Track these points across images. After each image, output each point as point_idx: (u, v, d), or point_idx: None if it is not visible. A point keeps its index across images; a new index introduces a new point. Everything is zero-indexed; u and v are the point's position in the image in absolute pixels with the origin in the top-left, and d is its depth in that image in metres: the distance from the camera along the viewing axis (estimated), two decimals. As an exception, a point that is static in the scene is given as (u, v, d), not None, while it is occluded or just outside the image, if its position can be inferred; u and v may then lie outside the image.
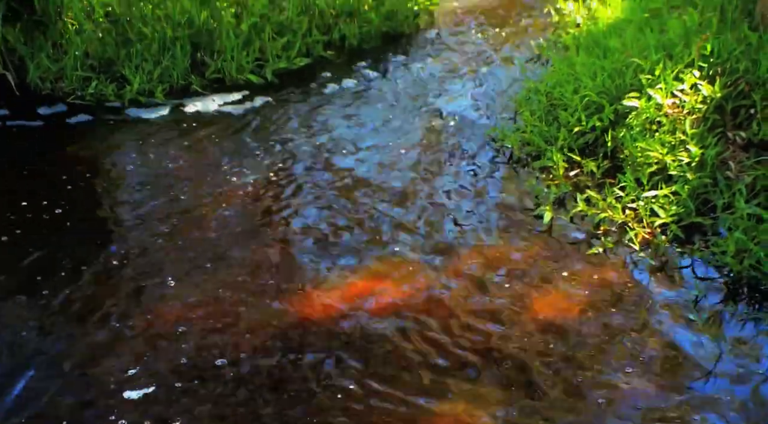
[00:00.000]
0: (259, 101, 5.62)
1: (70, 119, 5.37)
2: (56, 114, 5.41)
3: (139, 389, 3.06)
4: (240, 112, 5.50)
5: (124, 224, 4.28)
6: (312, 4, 6.23)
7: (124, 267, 3.87)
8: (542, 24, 6.34)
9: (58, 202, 4.40)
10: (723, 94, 4.41)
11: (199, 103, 5.59)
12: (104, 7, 5.88)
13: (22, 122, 5.31)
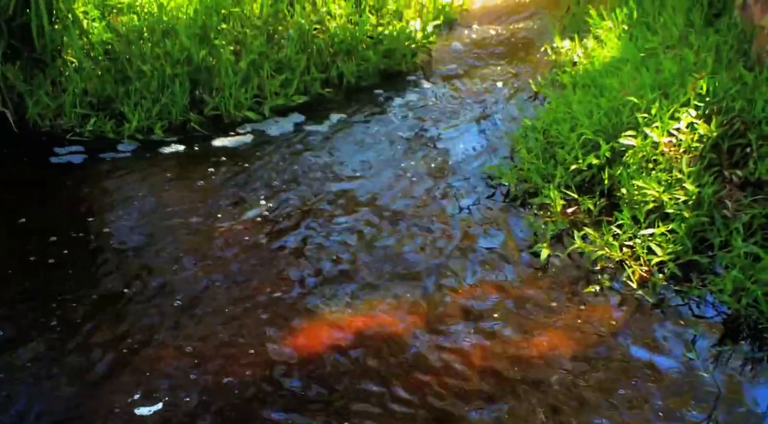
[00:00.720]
0: (256, 138, 5.64)
1: (69, 156, 5.38)
2: (55, 151, 5.42)
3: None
4: (238, 149, 5.51)
5: (121, 260, 4.27)
6: (310, 42, 6.27)
7: (121, 305, 3.87)
8: (539, 62, 6.38)
9: (55, 239, 4.41)
10: (719, 133, 4.43)
11: (197, 139, 5.60)
12: (104, 45, 5.91)
13: (21, 159, 5.33)
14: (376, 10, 6.77)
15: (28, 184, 5.11)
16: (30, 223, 4.63)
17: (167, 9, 6.14)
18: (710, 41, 5.34)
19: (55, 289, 3.98)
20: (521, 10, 7.20)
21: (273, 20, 6.29)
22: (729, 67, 4.99)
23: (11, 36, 5.67)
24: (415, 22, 6.73)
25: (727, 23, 5.60)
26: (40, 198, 4.92)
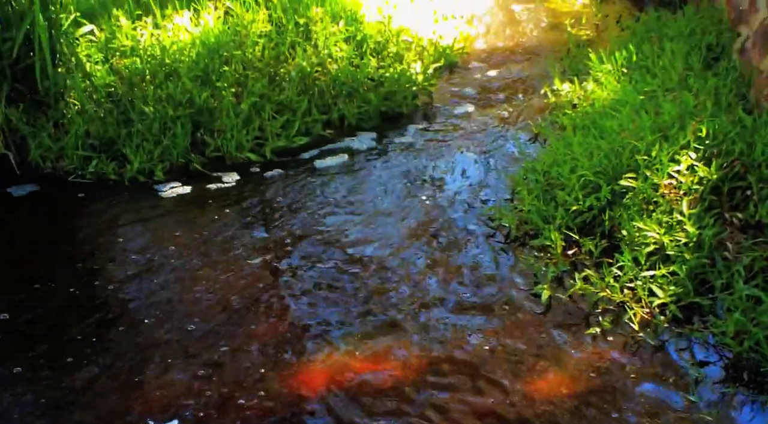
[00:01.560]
0: (257, 179, 5.65)
1: (70, 197, 5.40)
2: (56, 192, 5.44)
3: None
4: (239, 190, 5.52)
5: (120, 299, 4.29)
6: (312, 84, 6.31)
7: (115, 341, 3.87)
8: (539, 105, 6.41)
9: (56, 281, 4.41)
10: (719, 175, 4.45)
11: (198, 180, 5.61)
12: (106, 88, 5.95)
13: (22, 200, 5.34)
14: (377, 53, 6.81)
15: (28, 224, 5.12)
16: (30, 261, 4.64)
17: (170, 52, 6.18)
18: (709, 85, 5.38)
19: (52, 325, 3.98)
20: (521, 52, 7.25)
21: (275, 63, 6.33)
22: (728, 111, 5.02)
23: (15, 79, 5.71)
24: (416, 65, 6.77)
25: (726, 67, 5.64)
26: (41, 239, 4.94)
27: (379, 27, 6.95)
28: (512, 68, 7.03)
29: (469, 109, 6.49)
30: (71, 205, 5.34)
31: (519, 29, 7.59)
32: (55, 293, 4.36)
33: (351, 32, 6.75)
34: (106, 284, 4.47)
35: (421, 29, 7.29)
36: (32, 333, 4.02)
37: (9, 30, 5.61)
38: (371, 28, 6.89)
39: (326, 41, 6.52)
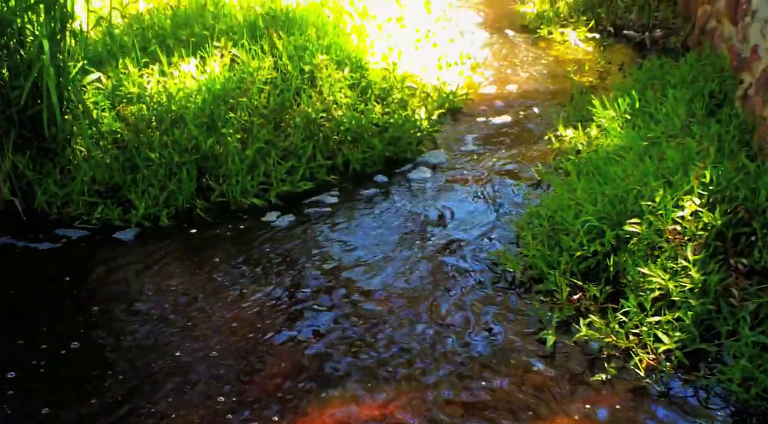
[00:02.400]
0: (262, 224, 5.67)
1: (75, 243, 5.41)
2: (61, 238, 5.45)
3: None
4: (242, 235, 5.53)
5: (123, 344, 4.28)
6: (316, 130, 6.34)
7: (117, 388, 3.85)
8: (543, 150, 6.44)
9: (60, 329, 4.41)
10: (723, 221, 4.45)
11: (202, 226, 5.63)
12: (113, 134, 5.99)
13: (27, 246, 5.36)
14: (381, 99, 6.86)
15: (33, 268, 5.13)
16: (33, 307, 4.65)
17: (176, 99, 6.23)
18: (712, 131, 5.41)
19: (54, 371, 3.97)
20: (525, 99, 7.29)
21: (280, 109, 6.37)
22: (732, 157, 5.04)
23: (23, 126, 5.75)
24: (421, 111, 6.81)
25: (729, 114, 5.68)
26: (44, 283, 4.94)
27: (383, 73, 7.00)
28: (516, 114, 7.07)
29: (473, 154, 6.52)
30: (75, 251, 5.35)
31: (523, 75, 7.65)
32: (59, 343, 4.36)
33: (356, 79, 6.80)
34: (110, 332, 4.47)
35: (426, 75, 7.35)
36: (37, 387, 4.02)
37: (18, 78, 5.66)
38: (376, 75, 6.95)
39: (331, 88, 6.57)
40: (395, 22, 8.05)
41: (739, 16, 6.16)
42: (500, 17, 8.81)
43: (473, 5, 9.10)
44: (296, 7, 7.60)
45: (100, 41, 6.93)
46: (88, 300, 4.78)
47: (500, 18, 8.80)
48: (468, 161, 6.42)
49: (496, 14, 8.87)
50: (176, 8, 7.67)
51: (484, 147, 6.61)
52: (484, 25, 8.63)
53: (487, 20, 8.72)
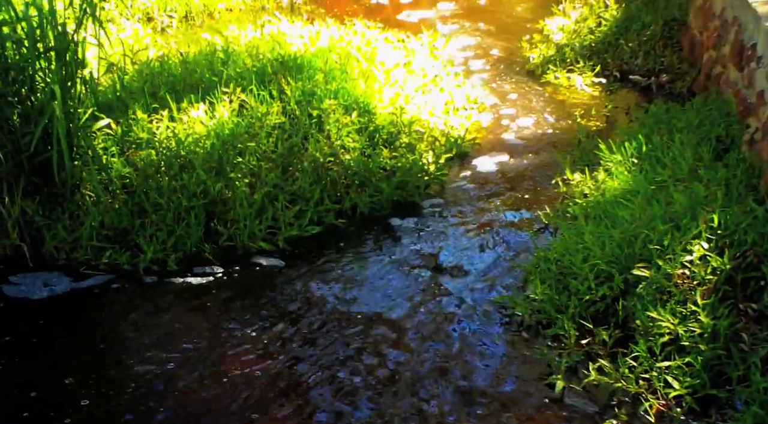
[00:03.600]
0: (269, 268, 5.67)
1: (83, 289, 5.42)
2: (69, 284, 5.46)
3: None
4: (250, 279, 5.54)
5: (129, 392, 4.27)
6: (324, 174, 6.36)
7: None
8: (551, 194, 6.45)
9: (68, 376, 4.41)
10: (732, 265, 4.44)
11: (210, 270, 5.63)
12: (122, 179, 6.02)
13: (33, 292, 5.37)
14: (389, 143, 6.89)
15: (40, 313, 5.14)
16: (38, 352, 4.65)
17: (185, 144, 6.27)
18: (720, 175, 5.41)
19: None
20: (532, 143, 7.32)
21: (288, 154, 6.40)
22: (739, 201, 5.04)
23: (32, 172, 5.79)
24: (428, 155, 6.84)
25: (736, 158, 5.69)
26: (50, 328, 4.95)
27: (391, 118, 7.04)
28: (523, 158, 7.09)
29: (481, 198, 6.53)
30: (84, 296, 5.36)
31: (530, 120, 7.68)
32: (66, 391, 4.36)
33: (363, 123, 6.84)
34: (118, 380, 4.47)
35: (434, 120, 7.39)
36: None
37: (28, 124, 5.71)
38: (384, 119, 6.98)
39: (339, 132, 6.61)
40: (402, 67, 8.11)
41: (744, 62, 6.19)
42: (507, 62, 8.87)
43: (480, 51, 9.17)
44: (305, 53, 7.67)
45: (110, 88, 7.00)
46: (96, 347, 4.78)
47: (507, 63, 8.86)
48: (475, 205, 6.43)
49: (502, 59, 8.93)
50: (186, 55, 7.75)
51: (491, 191, 6.63)
52: (491, 69, 8.69)
53: (494, 65, 8.78)
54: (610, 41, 8.60)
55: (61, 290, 5.38)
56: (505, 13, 10.51)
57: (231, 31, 8.85)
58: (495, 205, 6.40)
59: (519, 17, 10.39)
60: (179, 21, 9.91)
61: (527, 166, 6.97)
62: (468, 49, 9.22)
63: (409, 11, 10.58)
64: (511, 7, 10.87)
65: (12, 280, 5.45)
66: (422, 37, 8.96)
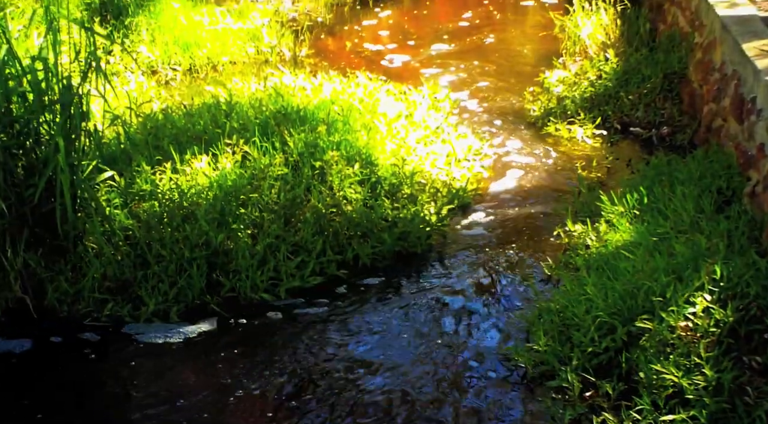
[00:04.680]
0: (271, 320, 5.67)
1: (84, 341, 5.41)
2: (71, 336, 5.46)
3: None
4: (252, 332, 5.53)
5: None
6: (327, 225, 6.38)
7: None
8: (552, 245, 6.45)
9: None
10: (735, 318, 4.44)
11: (212, 322, 5.63)
12: (124, 231, 6.03)
13: (37, 345, 5.36)
14: (391, 195, 6.91)
15: (43, 367, 5.12)
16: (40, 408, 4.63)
17: (188, 195, 6.29)
18: (721, 227, 5.42)
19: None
20: (534, 194, 7.34)
21: (290, 205, 6.42)
22: (742, 253, 5.04)
23: (35, 224, 5.80)
24: (430, 206, 6.85)
25: (737, 211, 5.69)
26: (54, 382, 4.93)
27: (393, 169, 7.07)
28: (525, 209, 7.11)
29: (482, 249, 6.54)
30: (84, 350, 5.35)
31: (531, 171, 7.71)
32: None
33: (366, 175, 6.87)
34: None
35: (435, 171, 7.41)
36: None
37: (32, 176, 5.73)
38: (386, 171, 7.01)
39: (341, 183, 6.63)
40: (404, 119, 8.17)
41: (744, 115, 6.24)
42: (508, 114, 8.93)
43: (481, 100, 9.24)
44: (307, 105, 7.73)
45: (114, 140, 7.04)
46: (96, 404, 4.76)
47: (508, 114, 8.92)
48: (477, 256, 6.43)
49: (503, 111, 8.99)
50: (189, 107, 7.81)
51: (493, 241, 6.64)
52: (493, 121, 8.74)
53: (496, 117, 8.83)
54: (610, 93, 8.65)
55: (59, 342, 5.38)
56: (505, 57, 10.61)
57: (234, 84, 8.92)
58: (497, 256, 6.41)
59: (520, 61, 10.48)
60: (183, 74, 10.00)
61: (529, 217, 6.99)
62: (469, 99, 9.29)
63: (409, 57, 10.69)
64: (512, 49, 10.96)
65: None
66: (423, 89, 9.04)
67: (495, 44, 11.07)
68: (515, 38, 11.42)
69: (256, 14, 11.27)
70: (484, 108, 9.06)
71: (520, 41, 11.27)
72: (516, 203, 7.22)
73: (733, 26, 6.96)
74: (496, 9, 12.54)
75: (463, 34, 11.44)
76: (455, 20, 12.06)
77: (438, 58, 10.60)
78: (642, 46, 9.28)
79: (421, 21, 12.09)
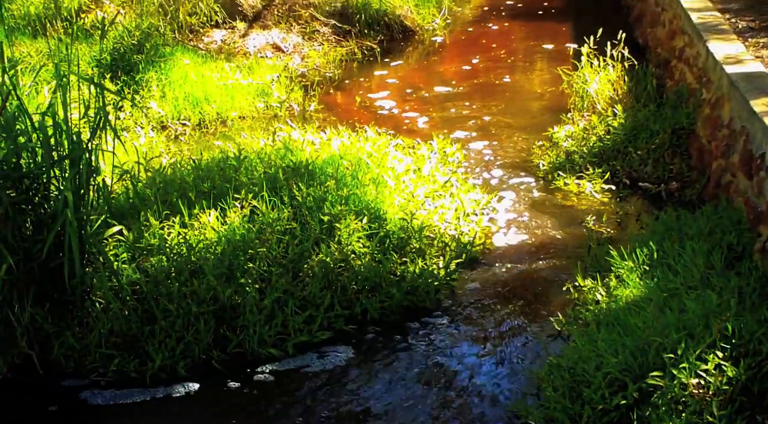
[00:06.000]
0: (278, 375, 5.64)
1: (91, 398, 5.38)
2: (77, 392, 5.42)
3: None
4: (258, 386, 5.50)
5: None
6: (335, 279, 6.36)
7: None
8: (562, 300, 6.41)
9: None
10: (748, 375, 4.39)
11: (218, 377, 5.60)
12: (132, 285, 6.02)
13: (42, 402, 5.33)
14: (399, 249, 6.90)
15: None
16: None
17: (196, 250, 6.29)
18: (732, 284, 5.39)
19: None
20: (543, 249, 7.32)
21: (298, 259, 6.42)
22: (753, 310, 5.00)
23: (42, 279, 5.79)
24: (438, 261, 6.84)
25: (748, 266, 5.67)
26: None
27: (401, 223, 7.07)
28: (534, 263, 7.09)
29: (491, 304, 6.51)
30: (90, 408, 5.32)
31: (540, 225, 7.70)
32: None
33: (374, 229, 6.87)
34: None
35: (444, 225, 7.41)
36: None
37: (40, 231, 5.74)
38: (394, 225, 7.01)
39: (349, 238, 6.63)
40: (413, 173, 8.19)
41: (753, 171, 6.24)
42: (517, 168, 8.94)
43: (490, 156, 9.26)
44: (316, 159, 7.76)
45: (123, 195, 7.06)
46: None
47: (517, 168, 8.93)
48: (486, 311, 6.40)
49: (513, 165, 9.00)
50: (198, 162, 7.84)
51: (502, 296, 6.60)
52: (502, 175, 8.75)
53: (505, 171, 8.85)
54: (619, 148, 8.66)
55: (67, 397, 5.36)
56: (514, 111, 10.65)
57: (243, 138, 8.97)
58: (506, 311, 6.37)
59: (529, 115, 10.51)
60: (192, 129, 10.06)
61: (538, 271, 6.96)
62: (478, 153, 9.31)
63: (417, 111, 10.75)
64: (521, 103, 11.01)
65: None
66: (432, 143, 9.07)
67: (504, 98, 11.13)
68: (524, 93, 11.48)
69: (265, 70, 11.39)
70: (493, 162, 9.07)
71: (529, 96, 11.33)
72: (525, 258, 7.19)
73: (741, 83, 6.99)
74: (505, 64, 12.62)
75: (471, 89, 11.51)
76: (463, 75, 12.15)
77: (446, 112, 10.66)
78: (650, 101, 9.32)
79: (430, 75, 12.17)
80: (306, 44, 12.93)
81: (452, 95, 11.31)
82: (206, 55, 11.80)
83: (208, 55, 11.79)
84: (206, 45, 12.44)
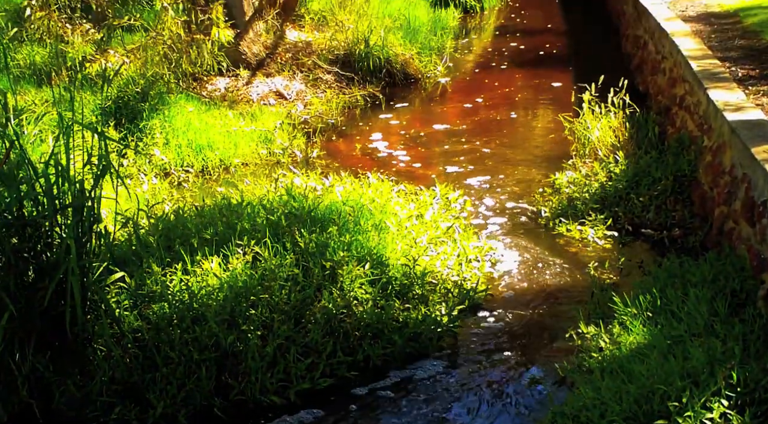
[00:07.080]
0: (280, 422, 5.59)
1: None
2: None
3: None
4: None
5: None
6: (337, 326, 6.34)
7: None
8: (565, 348, 6.38)
9: None
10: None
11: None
12: (133, 332, 6.00)
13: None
14: (402, 295, 6.88)
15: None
16: None
17: (198, 296, 6.28)
18: (736, 331, 5.37)
19: None
20: (546, 295, 7.31)
21: (301, 305, 6.40)
22: (758, 358, 4.98)
23: (44, 327, 5.77)
24: (441, 307, 6.82)
25: (752, 313, 5.65)
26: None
27: (404, 270, 7.06)
28: (537, 310, 7.07)
29: (495, 352, 6.48)
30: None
31: (542, 272, 7.69)
32: None
33: (376, 275, 6.86)
34: None
35: (447, 271, 7.40)
36: None
37: (42, 279, 5.73)
38: (396, 271, 7.00)
39: (352, 284, 6.62)
40: (415, 219, 8.20)
41: (756, 218, 6.24)
42: (519, 214, 8.96)
43: (492, 202, 9.28)
44: (318, 206, 7.77)
45: (125, 242, 7.06)
46: None
47: (519, 215, 8.95)
48: (489, 358, 6.37)
49: (515, 211, 9.02)
50: (201, 209, 7.86)
51: (505, 343, 6.58)
52: (504, 221, 8.76)
53: (507, 217, 8.86)
54: (620, 195, 8.68)
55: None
56: (516, 158, 10.70)
57: (246, 185, 9.00)
58: (509, 358, 6.34)
59: (531, 162, 10.54)
60: (195, 175, 10.09)
61: (541, 318, 6.94)
62: (480, 199, 9.33)
63: (419, 158, 10.81)
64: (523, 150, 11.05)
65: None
66: (435, 189, 9.09)
67: (505, 145, 11.19)
68: (526, 139, 11.55)
69: (268, 117, 11.46)
70: (496, 208, 9.09)
71: (531, 143, 11.39)
72: (527, 304, 7.18)
73: (742, 130, 7.03)
74: (506, 110, 12.71)
75: (473, 135, 11.58)
76: (466, 121, 12.23)
77: (448, 158, 10.70)
78: (651, 148, 9.36)
79: (432, 122, 12.25)
80: (309, 91, 13.02)
81: (455, 142, 11.37)
82: (210, 102, 11.89)
83: (212, 103, 11.87)
84: (210, 93, 12.51)
